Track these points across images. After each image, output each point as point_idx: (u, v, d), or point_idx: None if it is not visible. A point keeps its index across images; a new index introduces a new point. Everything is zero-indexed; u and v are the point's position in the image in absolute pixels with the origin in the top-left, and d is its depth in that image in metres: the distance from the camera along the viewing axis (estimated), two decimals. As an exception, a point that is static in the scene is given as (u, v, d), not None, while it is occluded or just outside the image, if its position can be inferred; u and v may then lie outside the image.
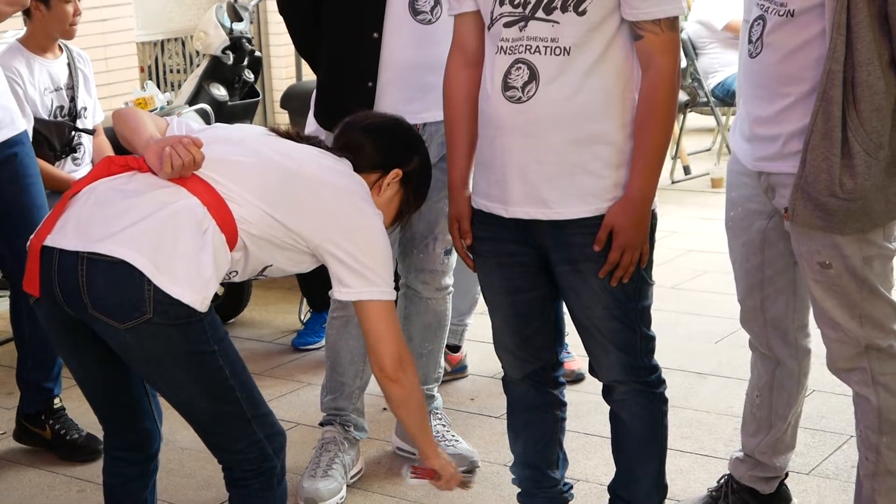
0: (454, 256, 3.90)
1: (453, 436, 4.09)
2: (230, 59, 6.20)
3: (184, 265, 2.63)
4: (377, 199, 3.00)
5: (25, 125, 4.15)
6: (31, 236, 2.76)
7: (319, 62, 3.83)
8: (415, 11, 3.64)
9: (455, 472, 3.15)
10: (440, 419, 4.14)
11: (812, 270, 3.07)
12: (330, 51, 3.74)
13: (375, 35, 3.63)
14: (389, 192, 3.07)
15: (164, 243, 2.63)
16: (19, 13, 4.66)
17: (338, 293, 2.89)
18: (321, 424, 4.06)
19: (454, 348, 4.91)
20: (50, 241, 2.70)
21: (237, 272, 2.84)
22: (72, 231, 2.69)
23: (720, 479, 3.66)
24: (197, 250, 2.65)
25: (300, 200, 2.82)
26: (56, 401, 4.32)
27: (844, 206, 2.91)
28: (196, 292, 2.63)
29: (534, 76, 2.92)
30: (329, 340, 3.99)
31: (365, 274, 2.85)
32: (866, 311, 3.04)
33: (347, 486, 3.92)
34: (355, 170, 2.98)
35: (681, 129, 8.63)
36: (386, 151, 3.08)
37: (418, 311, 4.00)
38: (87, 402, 3.00)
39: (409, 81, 3.67)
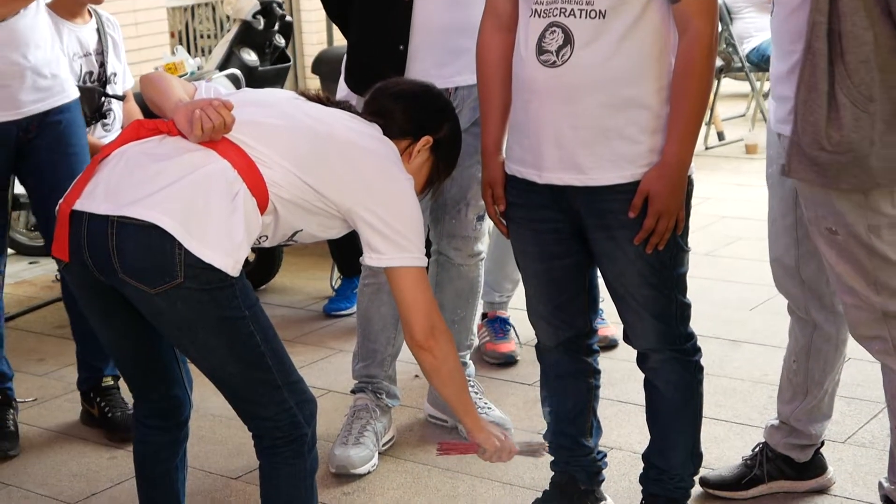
0: (487, 222, 3.87)
1: (486, 403, 4.07)
2: (261, 23, 6.17)
3: (214, 229, 2.61)
4: (407, 166, 2.96)
5: (76, 94, 4.13)
6: (60, 200, 2.74)
7: (350, 26, 3.79)
8: (446, -27, 3.60)
9: (504, 444, 3.05)
10: (472, 387, 4.12)
11: (822, 236, 3.01)
12: (361, 14, 3.71)
13: (407, -2, 3.60)
14: (419, 159, 3.03)
15: (194, 207, 2.61)
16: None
17: (368, 259, 2.86)
18: (353, 392, 4.04)
19: None
20: (79, 206, 2.68)
21: (267, 237, 2.82)
22: (101, 195, 2.67)
23: (755, 447, 3.63)
24: (228, 214, 2.63)
25: (331, 164, 2.79)
26: (108, 379, 4.29)
27: (834, 159, 2.84)
28: (227, 256, 2.61)
29: (568, 40, 2.88)
30: (360, 307, 3.97)
31: (396, 240, 2.81)
32: (880, 279, 2.97)
33: (379, 453, 3.91)
34: (385, 136, 2.94)
35: (715, 95, 8.56)
36: (416, 118, 3.04)
37: (450, 277, 3.97)
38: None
39: (440, 45, 3.63)
